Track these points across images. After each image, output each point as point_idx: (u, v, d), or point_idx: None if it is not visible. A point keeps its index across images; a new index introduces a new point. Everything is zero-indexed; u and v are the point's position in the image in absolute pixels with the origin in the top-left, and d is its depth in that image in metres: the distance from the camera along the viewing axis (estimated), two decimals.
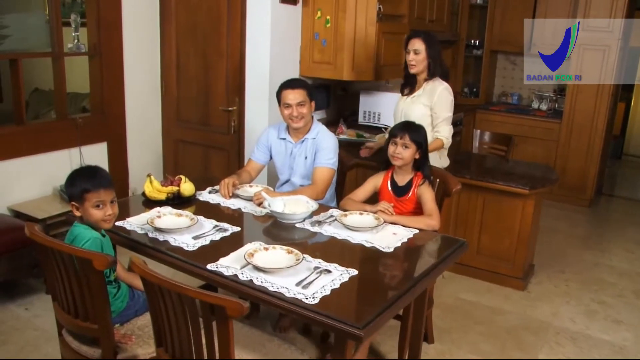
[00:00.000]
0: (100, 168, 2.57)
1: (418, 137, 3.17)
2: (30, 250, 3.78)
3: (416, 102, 3.86)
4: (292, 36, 4.66)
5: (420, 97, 3.85)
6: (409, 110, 3.86)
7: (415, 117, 3.67)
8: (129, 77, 4.85)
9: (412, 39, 3.78)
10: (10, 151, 4.21)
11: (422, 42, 3.75)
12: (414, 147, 3.16)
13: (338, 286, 2.28)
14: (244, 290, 2.27)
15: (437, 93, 3.79)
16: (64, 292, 2.40)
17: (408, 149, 3.16)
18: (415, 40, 3.77)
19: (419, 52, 3.75)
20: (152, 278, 1.98)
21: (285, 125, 3.51)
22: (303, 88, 3.37)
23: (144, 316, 2.63)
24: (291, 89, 3.36)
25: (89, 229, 2.47)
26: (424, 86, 3.84)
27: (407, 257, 2.72)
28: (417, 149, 3.17)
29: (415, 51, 3.75)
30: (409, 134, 3.16)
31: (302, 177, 3.51)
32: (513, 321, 3.94)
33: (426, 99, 3.82)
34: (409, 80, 3.93)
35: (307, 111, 3.37)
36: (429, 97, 3.81)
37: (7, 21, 4.37)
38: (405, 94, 3.96)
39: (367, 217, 2.98)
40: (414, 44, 3.76)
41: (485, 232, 4.42)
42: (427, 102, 3.81)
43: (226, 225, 2.83)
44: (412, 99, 3.88)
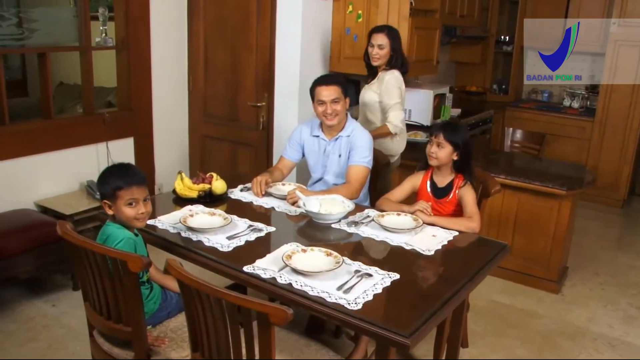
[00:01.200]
0: (133, 165, 2.51)
1: (453, 137, 3.05)
2: (57, 246, 3.73)
3: (368, 89, 4.00)
4: (322, 31, 4.57)
5: (372, 85, 3.98)
6: (362, 96, 4.07)
7: (364, 102, 4.02)
8: (156, 72, 4.79)
9: (376, 34, 3.86)
10: (37, 146, 4.17)
11: (386, 36, 3.84)
12: (449, 147, 3.05)
13: (380, 291, 2.20)
14: (283, 294, 2.19)
15: (385, 81, 3.87)
16: (96, 293, 2.34)
17: (443, 148, 3.06)
18: (380, 35, 3.85)
19: (383, 47, 3.85)
20: (190, 282, 1.90)
21: (319, 122, 3.42)
22: (337, 84, 3.28)
23: (176, 318, 2.57)
24: (325, 85, 3.26)
25: (121, 228, 2.40)
26: (379, 75, 3.96)
27: (448, 261, 2.62)
28: (453, 149, 3.06)
29: (380, 46, 3.84)
30: (443, 133, 3.06)
31: (336, 175, 3.42)
32: (548, 325, 3.83)
33: (377, 86, 3.94)
34: (371, 70, 4.03)
35: (342, 108, 3.28)
36: (379, 84, 3.92)
37: (36, 15, 4.31)
38: (367, 83, 4.08)
39: (405, 218, 2.89)
40: (378, 38, 3.85)
41: (519, 233, 4.30)
42: (377, 90, 3.92)
43: (261, 225, 2.75)
44: (369, 86, 4.02)
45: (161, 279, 2.59)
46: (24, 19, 4.30)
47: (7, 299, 3.78)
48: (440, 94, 5.15)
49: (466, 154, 3.09)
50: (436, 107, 5.04)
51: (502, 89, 7.16)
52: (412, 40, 4.51)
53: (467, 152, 3.09)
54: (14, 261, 3.55)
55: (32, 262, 3.65)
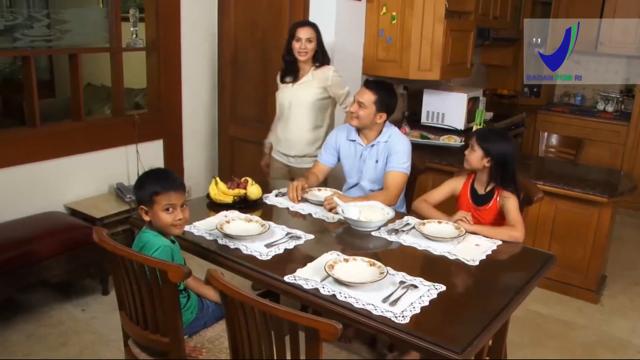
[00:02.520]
0: (171, 170, 2.45)
1: (484, 143, 2.94)
2: (87, 250, 3.70)
3: (306, 87, 3.79)
4: (355, 33, 4.49)
5: (312, 82, 3.78)
6: (297, 97, 3.80)
7: (307, 101, 3.76)
8: (186, 73, 4.74)
9: (302, 27, 3.72)
10: (67, 148, 4.13)
11: (312, 30, 3.72)
12: (479, 151, 2.95)
13: (427, 303, 2.11)
14: (326, 305, 2.11)
15: (329, 76, 3.76)
16: (133, 302, 2.27)
17: (474, 152, 2.97)
18: (306, 29, 3.71)
19: (312, 40, 3.70)
20: (234, 294, 1.83)
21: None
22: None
23: (213, 328, 2.50)
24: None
25: (158, 235, 2.34)
26: (312, 73, 3.78)
27: (494, 271, 2.52)
28: (483, 154, 2.95)
29: (309, 39, 3.69)
30: (476, 137, 2.97)
31: (372, 181, 3.34)
32: (588, 337, 3.71)
33: (318, 82, 3.77)
34: (292, 67, 3.83)
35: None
36: (321, 80, 3.77)
37: (67, 16, 4.28)
38: (289, 81, 3.85)
39: (447, 226, 2.80)
40: (305, 32, 3.70)
41: (556, 241, 4.18)
42: (320, 84, 3.77)
43: (299, 233, 2.67)
44: (301, 85, 3.80)
45: (198, 287, 2.52)
46: (55, 20, 4.27)
47: (37, 303, 3.75)
48: (474, 97, 5.04)
49: (502, 164, 2.94)
50: (470, 110, 4.93)
51: (533, 92, 7.03)
52: (446, 42, 4.42)
53: (504, 163, 2.94)
54: (45, 265, 3.51)
55: (62, 266, 3.61)
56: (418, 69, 4.43)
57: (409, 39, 4.38)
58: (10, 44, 4.17)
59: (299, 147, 3.86)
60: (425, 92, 4.99)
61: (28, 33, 4.16)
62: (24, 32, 4.15)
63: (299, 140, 3.85)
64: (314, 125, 3.82)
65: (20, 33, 4.15)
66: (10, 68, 7.22)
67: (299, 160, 3.89)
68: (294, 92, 3.81)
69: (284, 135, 3.90)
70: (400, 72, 4.47)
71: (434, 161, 4.23)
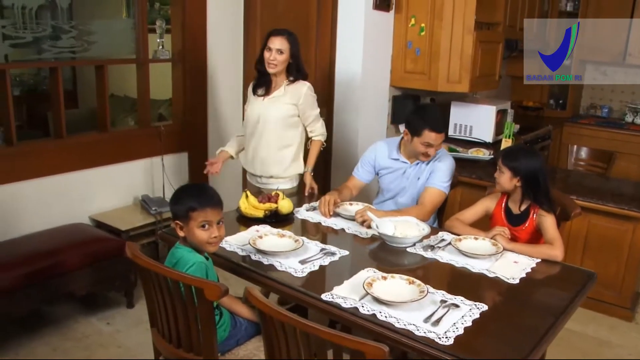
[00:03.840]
0: (208, 186, 2.40)
1: (511, 163, 2.86)
2: (113, 262, 3.67)
3: (277, 102, 3.50)
4: (383, 44, 4.44)
5: (283, 97, 3.50)
6: (268, 111, 3.50)
7: (277, 117, 3.48)
8: (212, 85, 4.71)
9: (275, 37, 3.41)
10: (93, 159, 4.12)
11: (286, 41, 3.40)
12: (508, 172, 2.87)
13: (470, 324, 2.04)
14: (366, 325, 2.04)
15: (303, 94, 3.49)
16: (166, 320, 2.22)
17: (503, 173, 2.89)
18: (279, 39, 3.40)
19: (283, 52, 3.39)
20: (275, 314, 1.77)
21: (397, 143, 3.31)
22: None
23: (245, 345, 2.43)
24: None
25: (192, 251, 2.28)
26: (285, 87, 3.50)
27: (535, 290, 2.45)
28: (512, 174, 2.87)
29: (279, 51, 3.38)
30: (502, 158, 2.90)
31: (412, 198, 3.28)
32: (624, 356, 3.61)
33: (290, 98, 3.49)
34: (264, 79, 3.53)
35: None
36: (293, 96, 3.49)
37: (94, 27, 4.28)
38: (260, 94, 3.55)
39: (484, 243, 2.73)
40: (276, 42, 3.39)
41: (588, 257, 4.08)
42: (291, 101, 3.49)
43: (333, 248, 2.62)
44: (271, 99, 3.51)
45: (230, 304, 2.46)
46: (82, 31, 4.27)
47: (62, 316, 3.72)
48: (502, 109, 4.97)
49: (534, 182, 2.86)
50: (498, 123, 4.86)
51: (559, 104, 6.93)
52: (476, 54, 4.35)
53: (535, 180, 2.86)
54: (72, 277, 3.49)
55: (88, 279, 3.58)
56: (447, 81, 4.37)
57: (437, 51, 4.32)
58: (37, 55, 4.17)
59: (266, 167, 3.60)
60: (452, 105, 4.92)
61: (56, 44, 4.15)
62: (52, 43, 4.14)
63: (266, 159, 3.58)
64: (283, 143, 3.56)
65: (49, 45, 4.14)
66: (34, 79, 7.25)
67: (265, 180, 3.63)
68: (264, 107, 3.52)
69: (252, 154, 3.61)
70: (428, 85, 4.41)
71: (463, 174, 4.15)
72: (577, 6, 6.54)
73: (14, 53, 4.09)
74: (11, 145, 3.76)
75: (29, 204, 3.81)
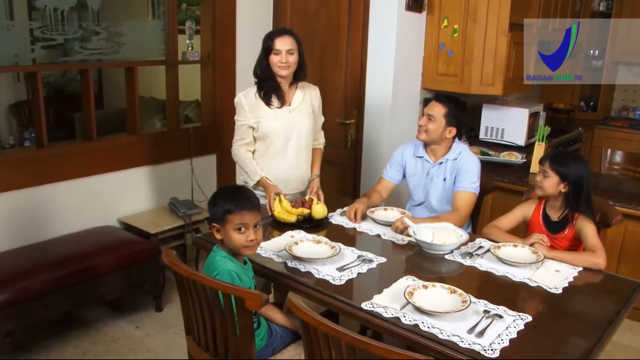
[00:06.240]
0: (246, 188, 2.35)
1: (559, 167, 2.77)
2: (143, 266, 3.65)
3: (303, 110, 3.23)
4: (415, 46, 4.37)
5: (303, 105, 3.23)
6: (300, 123, 3.21)
7: (309, 128, 3.24)
8: (241, 87, 4.64)
9: (281, 37, 3.08)
10: (122, 161, 4.11)
11: (294, 40, 3.10)
12: (555, 177, 2.78)
13: (515, 335, 1.98)
14: (408, 336, 1.98)
15: (317, 97, 3.31)
16: (202, 328, 2.18)
17: (548, 177, 2.80)
18: (287, 38, 3.09)
19: (294, 52, 3.09)
20: (318, 325, 1.72)
21: (423, 142, 3.22)
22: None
23: (281, 354, 2.39)
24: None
25: (227, 257, 2.24)
26: (301, 91, 3.24)
27: (580, 301, 2.38)
28: (559, 180, 2.79)
29: (290, 51, 3.07)
30: (549, 162, 2.80)
31: (440, 200, 3.21)
32: None
33: (307, 106, 3.24)
34: (269, 85, 3.16)
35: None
36: (310, 103, 3.26)
37: (125, 29, 4.26)
38: (278, 105, 3.16)
39: (524, 250, 2.65)
40: (286, 43, 3.07)
41: (625, 264, 3.98)
42: (312, 107, 3.26)
43: (370, 255, 2.56)
44: (298, 108, 3.21)
45: (266, 311, 2.41)
46: (112, 33, 4.25)
47: (91, 319, 3.71)
48: (535, 112, 4.87)
49: (578, 190, 2.77)
50: (530, 126, 4.76)
51: (590, 106, 6.81)
52: (510, 56, 4.27)
53: (580, 188, 2.77)
54: (102, 281, 3.46)
55: (118, 282, 3.55)
56: (480, 83, 4.29)
57: (471, 53, 4.24)
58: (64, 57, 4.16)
59: (295, 185, 3.31)
60: (484, 107, 4.84)
61: (86, 46, 4.14)
62: (83, 45, 4.14)
63: (298, 178, 3.31)
64: (309, 158, 3.36)
65: (80, 46, 4.13)
66: (60, 81, 7.29)
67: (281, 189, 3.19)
68: (294, 119, 3.19)
69: (279, 174, 3.22)
70: (461, 87, 4.33)
71: (495, 179, 4.07)
72: (611, 6, 6.41)
73: (41, 55, 4.09)
74: (42, 148, 3.74)
75: (59, 207, 3.79)
